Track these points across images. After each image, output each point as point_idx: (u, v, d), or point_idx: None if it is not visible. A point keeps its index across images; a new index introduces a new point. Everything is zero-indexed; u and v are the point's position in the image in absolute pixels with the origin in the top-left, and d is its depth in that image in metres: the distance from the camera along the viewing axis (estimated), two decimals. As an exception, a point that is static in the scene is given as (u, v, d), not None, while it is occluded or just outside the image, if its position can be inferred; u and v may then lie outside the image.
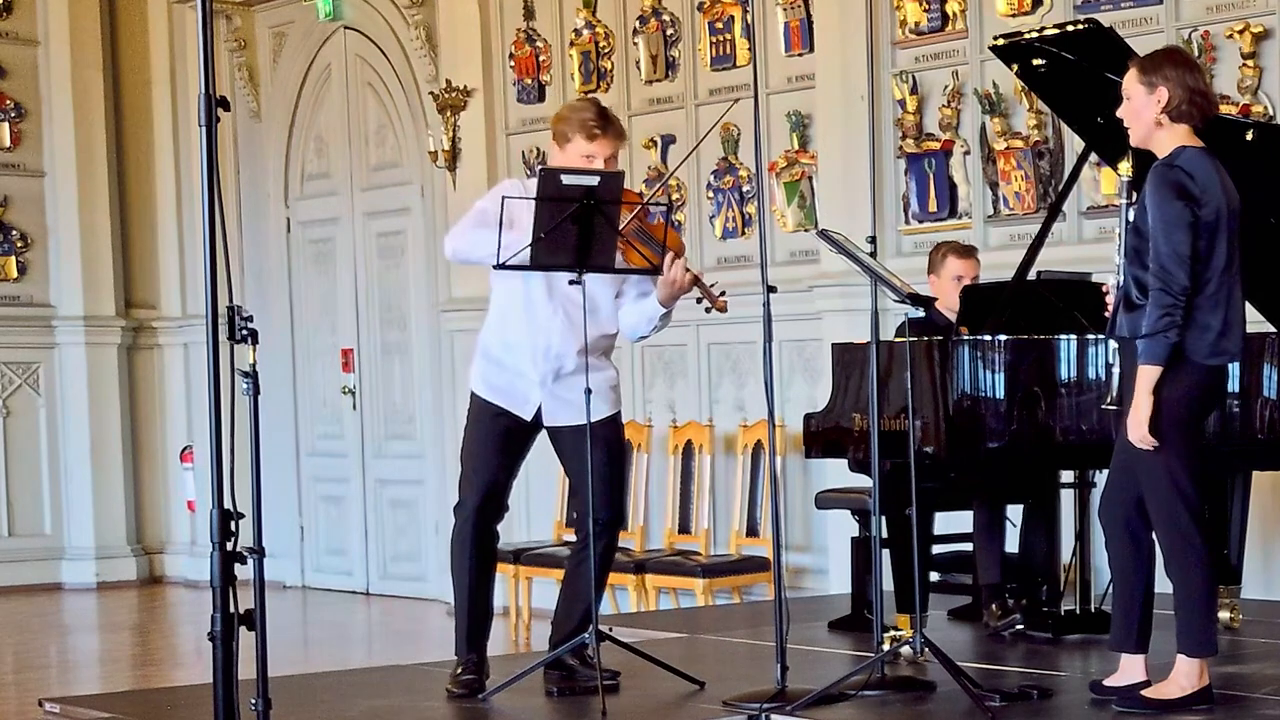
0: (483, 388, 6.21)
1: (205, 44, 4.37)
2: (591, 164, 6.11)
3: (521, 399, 6.16)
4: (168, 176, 13.26)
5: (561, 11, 10.72)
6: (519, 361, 6.14)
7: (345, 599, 11.95)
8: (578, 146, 6.15)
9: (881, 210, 8.92)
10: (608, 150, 6.16)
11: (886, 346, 6.52)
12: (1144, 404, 5.39)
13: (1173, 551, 5.46)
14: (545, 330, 6.11)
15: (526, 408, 6.16)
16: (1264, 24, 7.90)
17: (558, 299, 6.11)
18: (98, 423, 13.01)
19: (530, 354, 6.12)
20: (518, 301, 6.14)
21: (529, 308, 6.12)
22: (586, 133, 6.14)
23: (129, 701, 7.00)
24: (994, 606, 7.11)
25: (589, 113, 6.21)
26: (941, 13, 8.97)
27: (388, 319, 11.87)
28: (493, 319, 6.27)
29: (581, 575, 6.16)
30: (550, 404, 6.15)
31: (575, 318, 6.08)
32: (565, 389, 6.13)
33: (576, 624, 6.17)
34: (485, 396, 6.20)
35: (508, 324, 6.18)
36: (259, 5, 12.66)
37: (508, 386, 6.17)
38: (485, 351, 6.26)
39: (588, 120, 6.16)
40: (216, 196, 4.30)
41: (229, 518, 4.33)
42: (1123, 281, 5.52)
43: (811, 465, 8.60)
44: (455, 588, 6.24)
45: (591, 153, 6.14)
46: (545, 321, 6.11)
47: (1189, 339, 5.41)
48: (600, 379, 6.15)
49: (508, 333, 6.17)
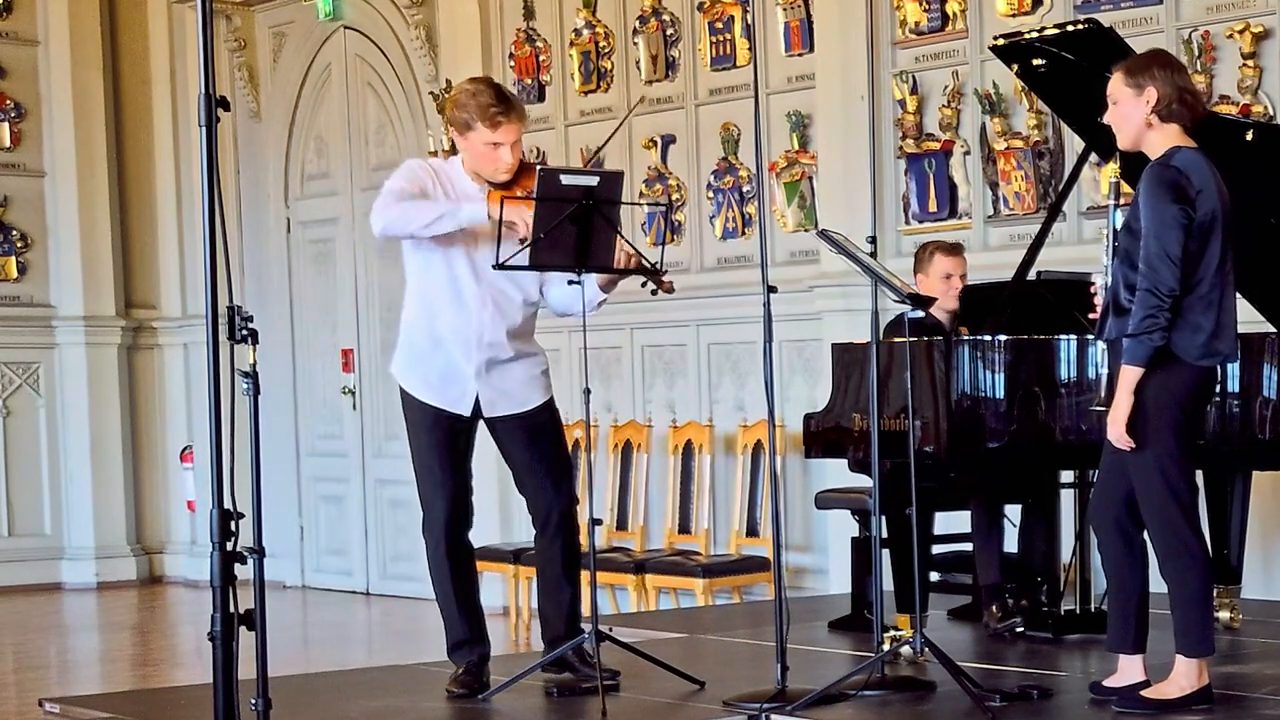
0: (417, 385, 6.08)
1: (205, 44, 4.37)
2: (498, 151, 5.92)
3: (458, 394, 6.04)
4: (168, 176, 13.26)
5: (561, 11, 10.72)
6: (450, 354, 6.02)
7: (345, 599, 11.95)
8: (480, 134, 5.93)
9: (881, 210, 8.92)
10: (513, 135, 5.93)
11: (886, 346, 6.52)
12: (1124, 403, 5.38)
13: (1168, 552, 5.46)
14: (476, 318, 5.99)
15: (464, 402, 6.05)
16: (1264, 24, 7.90)
17: (485, 285, 5.97)
18: (98, 423, 13.01)
19: (462, 345, 6.00)
20: (443, 290, 6.00)
21: (456, 296, 5.99)
22: (489, 121, 5.90)
23: (129, 701, 7.00)
24: (994, 606, 7.11)
25: (487, 97, 5.93)
26: (941, 13, 8.98)
27: (388, 319, 11.85)
28: (417, 309, 6.09)
29: (551, 567, 6.15)
30: (487, 394, 6.04)
31: (503, 303, 6.00)
32: (500, 378, 6.05)
33: (566, 617, 6.17)
34: (421, 397, 6.07)
35: (435, 314, 6.03)
36: (259, 5, 12.66)
37: (440, 383, 6.04)
38: (412, 345, 6.10)
39: (488, 106, 5.90)
40: (216, 196, 4.30)
41: (229, 518, 4.33)
42: (1111, 283, 5.52)
43: (811, 465, 8.60)
44: (442, 603, 6.18)
45: (497, 140, 5.93)
46: (476, 309, 5.99)
47: (1181, 339, 5.40)
48: (533, 365, 6.11)
49: (436, 323, 6.03)
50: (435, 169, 6.11)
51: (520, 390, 6.09)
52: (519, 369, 6.08)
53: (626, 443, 9.92)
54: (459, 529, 6.12)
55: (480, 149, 5.98)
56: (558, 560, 6.17)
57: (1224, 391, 6.41)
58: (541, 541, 6.21)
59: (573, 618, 6.20)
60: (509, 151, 5.97)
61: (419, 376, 6.10)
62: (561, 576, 6.18)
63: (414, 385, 6.11)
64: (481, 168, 6.01)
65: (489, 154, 5.98)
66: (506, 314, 6.03)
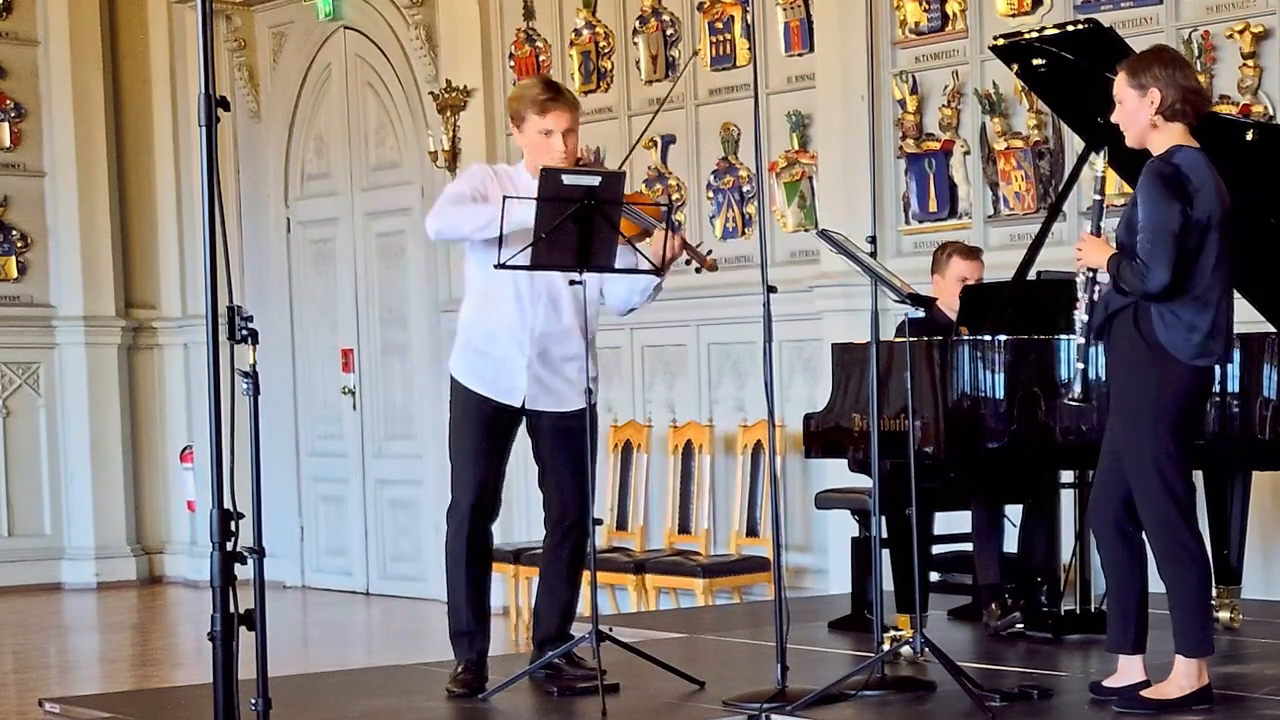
0: (469, 377, 6.18)
1: (205, 44, 4.37)
2: (550, 139, 6.09)
3: (509, 386, 6.14)
4: (168, 176, 13.25)
5: (561, 11, 10.72)
6: (505, 347, 6.12)
7: (345, 599, 11.95)
8: (534, 124, 6.12)
9: (881, 210, 8.92)
10: (565, 122, 6.12)
11: (886, 346, 6.52)
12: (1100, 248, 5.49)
13: (1166, 552, 5.46)
14: (530, 314, 6.10)
15: (515, 394, 6.14)
16: (1264, 24, 7.91)
17: (541, 282, 6.09)
18: (98, 423, 13.01)
19: (515, 338, 6.10)
20: (501, 288, 6.09)
21: (514, 293, 6.10)
22: (538, 107, 6.11)
23: (129, 701, 7.00)
24: (994, 606, 7.11)
25: (537, 88, 6.19)
26: (941, 13, 8.98)
27: (388, 319, 11.87)
28: (474, 306, 6.23)
29: (555, 568, 6.22)
30: (533, 389, 6.13)
31: (559, 300, 6.10)
32: (549, 374, 6.13)
33: (559, 620, 6.21)
34: (472, 387, 6.16)
35: (491, 309, 6.14)
36: (259, 5, 12.65)
37: (494, 375, 6.14)
38: (468, 342, 6.22)
39: (538, 95, 6.13)
40: (216, 196, 4.30)
41: (229, 518, 4.33)
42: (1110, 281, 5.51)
43: (811, 465, 8.60)
44: (451, 590, 6.22)
45: (549, 127, 6.11)
46: (530, 303, 6.10)
47: (1175, 338, 5.40)
48: (583, 371, 6.13)
49: (491, 319, 6.14)
50: (498, 173, 6.25)
51: (565, 390, 6.17)
52: (570, 370, 6.16)
53: (626, 443, 9.92)
54: (483, 518, 6.18)
55: (535, 139, 6.12)
56: (564, 562, 6.23)
57: (1224, 391, 6.41)
58: (551, 540, 6.27)
59: (564, 621, 6.25)
60: (561, 139, 6.10)
61: (474, 370, 6.19)
62: (563, 579, 6.24)
63: (467, 378, 6.20)
64: (539, 159, 6.11)
65: (543, 143, 6.11)
66: (561, 311, 6.12)
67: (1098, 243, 5.54)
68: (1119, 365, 5.52)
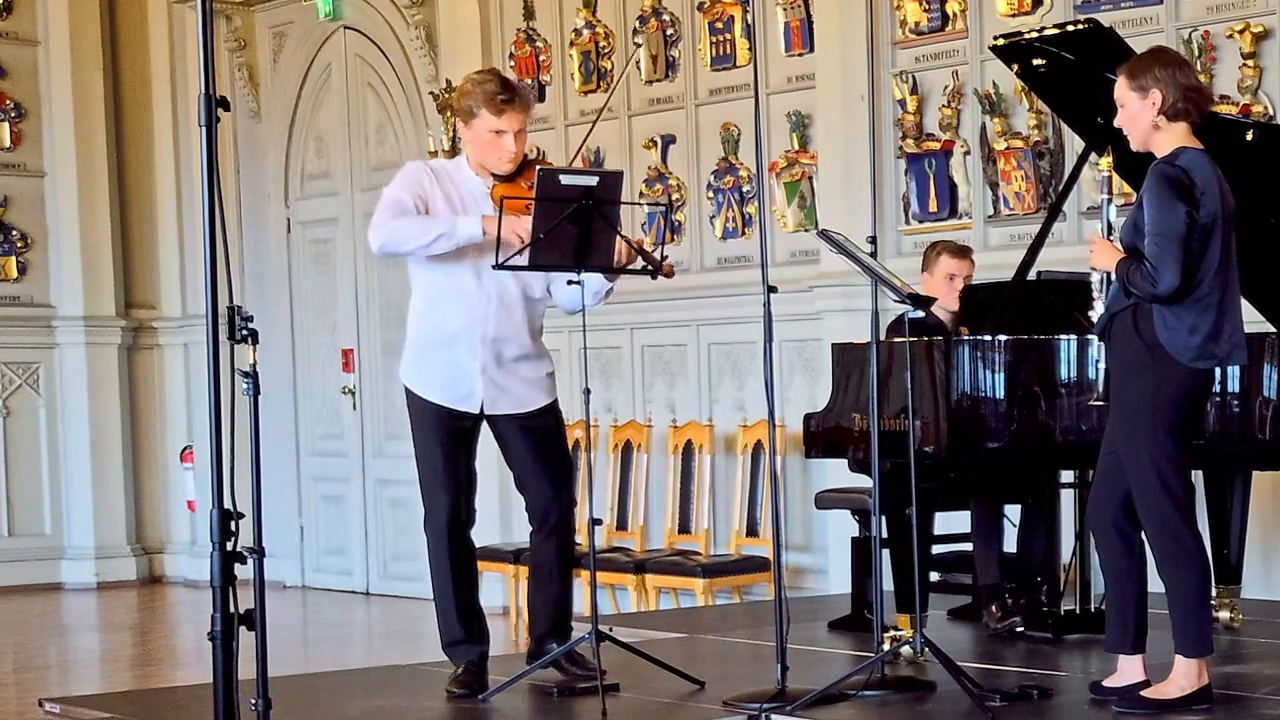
0: (423, 386, 6.08)
1: (205, 44, 4.37)
2: (501, 139, 5.94)
3: (465, 393, 6.04)
4: (168, 176, 13.26)
5: (561, 11, 10.72)
6: (456, 353, 6.02)
7: (345, 599, 11.95)
8: (486, 121, 5.94)
9: (881, 210, 8.92)
10: (518, 123, 5.95)
11: (886, 346, 6.52)
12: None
13: (1164, 553, 5.46)
14: (481, 317, 6.00)
15: (471, 400, 6.05)
16: (1264, 24, 7.90)
17: (489, 283, 5.98)
18: (98, 423, 13.01)
19: (468, 343, 6.00)
20: (447, 290, 6.00)
21: (460, 295, 6.00)
22: (494, 107, 5.92)
23: (129, 701, 7.00)
24: (994, 606, 7.11)
25: (494, 85, 5.98)
26: (941, 13, 8.98)
27: (388, 319, 11.86)
28: (421, 310, 6.10)
29: (544, 563, 6.17)
30: (490, 392, 6.05)
31: (508, 301, 6.01)
32: (505, 376, 6.05)
33: (553, 613, 6.19)
34: (426, 396, 6.07)
35: (441, 314, 6.03)
36: (259, 5, 12.66)
37: (448, 382, 6.05)
38: (417, 346, 6.11)
39: (494, 93, 5.93)
40: (216, 196, 4.30)
41: (229, 518, 4.33)
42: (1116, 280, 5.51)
43: (811, 465, 8.60)
44: (438, 600, 6.18)
45: (500, 127, 5.94)
46: (481, 308, 6.00)
47: (1175, 340, 5.40)
48: (538, 367, 6.12)
49: (442, 323, 6.03)
50: (436, 170, 6.11)
51: (524, 390, 6.09)
52: (524, 369, 6.09)
53: (626, 443, 9.92)
54: (461, 527, 6.12)
55: (484, 137, 5.98)
56: (551, 557, 6.18)
57: (1224, 391, 6.41)
58: (536, 539, 6.22)
59: (560, 615, 6.22)
60: (512, 140, 5.98)
61: (425, 377, 6.10)
62: (553, 572, 6.18)
63: (420, 385, 6.11)
64: (485, 157, 6.01)
65: (493, 142, 5.98)
66: (512, 312, 6.04)
67: (1108, 246, 5.53)
68: (1118, 365, 5.51)
